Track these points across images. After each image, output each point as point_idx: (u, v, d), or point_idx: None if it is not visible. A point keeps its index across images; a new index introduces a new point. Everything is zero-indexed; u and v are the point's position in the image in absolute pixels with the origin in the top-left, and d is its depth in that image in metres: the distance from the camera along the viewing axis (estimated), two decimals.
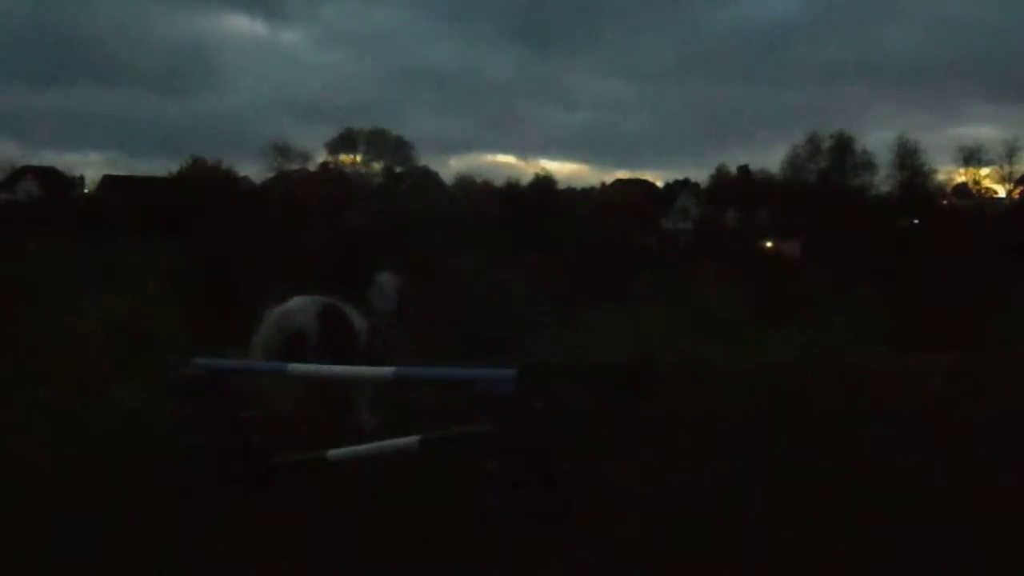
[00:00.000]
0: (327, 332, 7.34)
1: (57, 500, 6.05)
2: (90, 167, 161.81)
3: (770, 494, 6.23)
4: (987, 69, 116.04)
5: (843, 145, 65.04)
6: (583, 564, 5.07)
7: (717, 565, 5.07)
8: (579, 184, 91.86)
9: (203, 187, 54.40)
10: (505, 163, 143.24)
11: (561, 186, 74.76)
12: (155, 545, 5.30)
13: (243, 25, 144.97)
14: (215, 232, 21.64)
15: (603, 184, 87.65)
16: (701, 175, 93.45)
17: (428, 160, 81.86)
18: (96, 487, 6.31)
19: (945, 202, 62.90)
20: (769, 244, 53.20)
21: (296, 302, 7.54)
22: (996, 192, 69.33)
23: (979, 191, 68.15)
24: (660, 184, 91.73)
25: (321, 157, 67.59)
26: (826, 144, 65.43)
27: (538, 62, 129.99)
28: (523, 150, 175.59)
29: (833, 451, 7.35)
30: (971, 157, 66.87)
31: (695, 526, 5.59)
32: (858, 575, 5.05)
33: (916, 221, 47.51)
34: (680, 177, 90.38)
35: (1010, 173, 67.98)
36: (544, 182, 69.35)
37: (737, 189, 76.96)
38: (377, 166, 69.02)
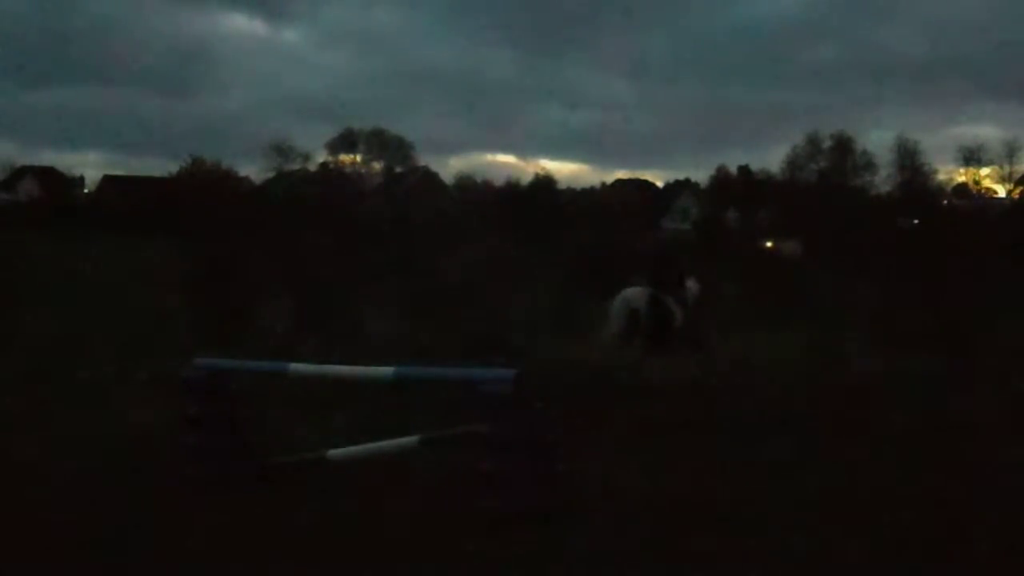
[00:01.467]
0: (653, 312, 9.83)
1: (57, 500, 6.06)
2: (90, 167, 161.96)
3: (770, 494, 6.23)
4: (987, 69, 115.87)
5: (843, 145, 64.97)
6: (583, 564, 5.07)
7: (717, 565, 5.07)
8: (579, 184, 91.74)
9: (203, 187, 54.32)
10: (505, 163, 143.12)
11: (561, 186, 74.73)
12: (155, 545, 5.31)
13: (243, 25, 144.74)
14: (215, 232, 21.61)
15: (603, 184, 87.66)
16: (701, 175, 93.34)
17: (428, 160, 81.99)
18: (96, 487, 6.32)
19: (945, 202, 62.81)
20: (769, 244, 53.11)
21: (632, 290, 10.05)
22: (996, 192, 69.30)
23: (979, 191, 68.06)
24: (660, 184, 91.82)
25: (321, 157, 67.62)
26: (826, 144, 65.40)
27: (538, 62, 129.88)
28: (523, 150, 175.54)
29: (833, 451, 7.35)
30: (971, 157, 66.85)
31: (695, 526, 5.60)
32: (858, 575, 5.05)
33: (916, 221, 47.44)
34: (680, 177, 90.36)
35: (1010, 173, 67.97)
36: (544, 182, 69.28)
37: (737, 189, 76.86)
38: (377, 166, 69.04)
